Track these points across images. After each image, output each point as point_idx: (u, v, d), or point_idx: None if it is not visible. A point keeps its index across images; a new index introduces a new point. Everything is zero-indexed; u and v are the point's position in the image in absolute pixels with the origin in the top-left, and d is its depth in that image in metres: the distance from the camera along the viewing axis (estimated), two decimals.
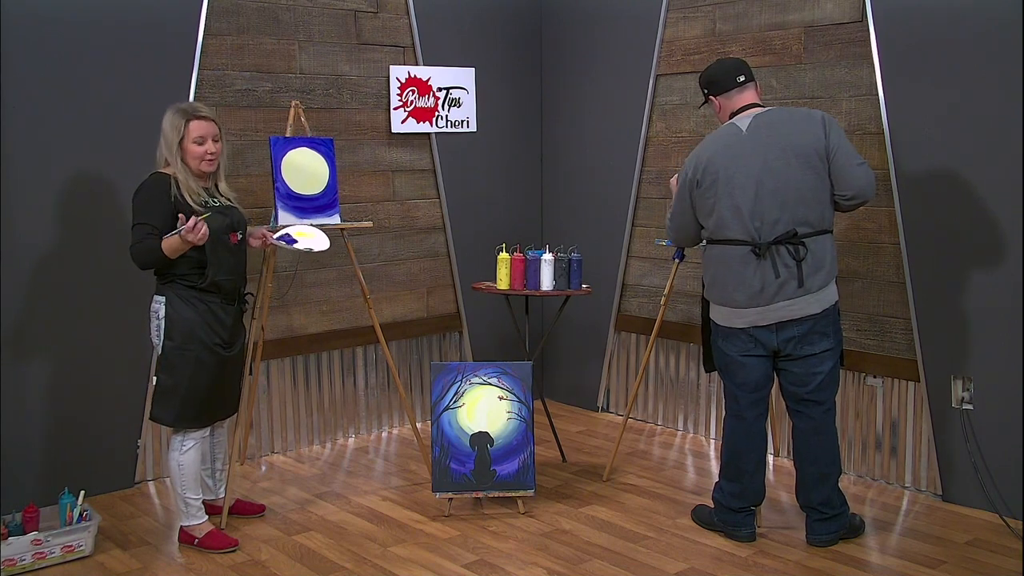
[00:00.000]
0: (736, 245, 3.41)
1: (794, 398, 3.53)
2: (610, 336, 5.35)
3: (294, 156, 4.12)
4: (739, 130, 3.44)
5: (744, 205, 3.37)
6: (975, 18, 3.74)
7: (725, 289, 3.47)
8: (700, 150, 3.52)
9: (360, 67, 4.84)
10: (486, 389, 3.99)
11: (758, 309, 3.41)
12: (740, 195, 3.38)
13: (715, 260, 3.50)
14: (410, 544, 3.67)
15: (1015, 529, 3.70)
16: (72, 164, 3.97)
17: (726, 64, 3.57)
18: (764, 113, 3.46)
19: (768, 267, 3.37)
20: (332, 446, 4.90)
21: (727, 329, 3.52)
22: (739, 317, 3.46)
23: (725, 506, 3.65)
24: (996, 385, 3.82)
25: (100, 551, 3.62)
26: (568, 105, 5.46)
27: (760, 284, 3.38)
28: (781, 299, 3.38)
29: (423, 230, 5.18)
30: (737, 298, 3.43)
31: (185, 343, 3.45)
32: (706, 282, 3.60)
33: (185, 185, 3.43)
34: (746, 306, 3.42)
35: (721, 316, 3.54)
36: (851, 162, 3.35)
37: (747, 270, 3.39)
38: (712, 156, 3.45)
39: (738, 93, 3.51)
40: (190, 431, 3.55)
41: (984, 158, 3.77)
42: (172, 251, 3.33)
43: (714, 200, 3.43)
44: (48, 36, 3.88)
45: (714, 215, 3.45)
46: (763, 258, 3.36)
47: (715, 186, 3.42)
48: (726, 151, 3.43)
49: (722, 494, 3.66)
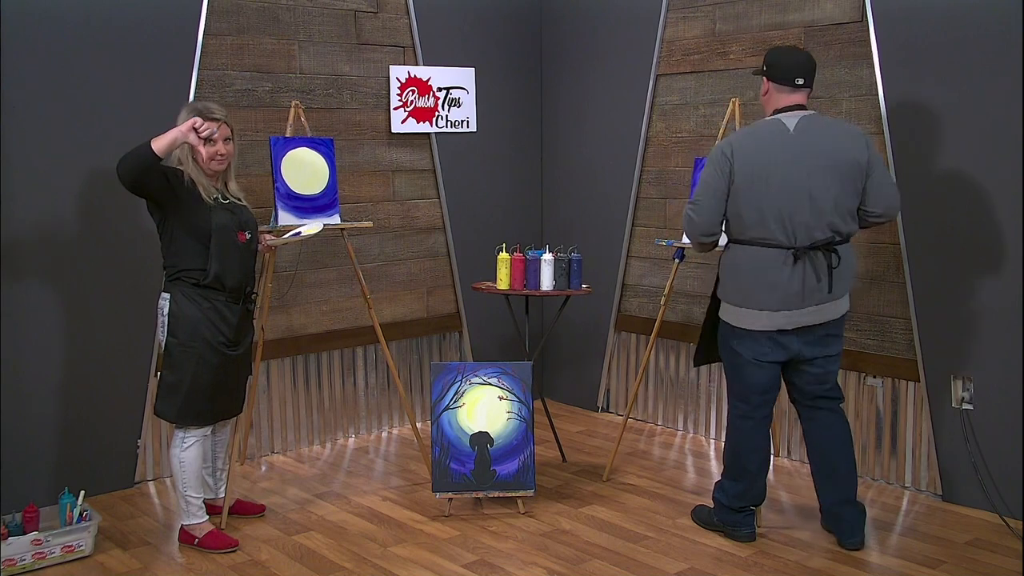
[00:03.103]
0: (770, 247, 3.35)
1: (811, 396, 3.54)
2: (610, 336, 5.35)
3: (294, 156, 4.12)
4: (786, 129, 3.37)
5: (784, 207, 3.32)
6: (975, 18, 3.74)
7: (751, 291, 3.40)
8: (741, 139, 3.43)
9: (360, 67, 4.84)
10: (486, 389, 3.99)
11: (787, 313, 3.37)
12: (781, 195, 3.32)
13: (742, 261, 3.43)
14: (410, 544, 3.67)
15: (1015, 529, 3.70)
16: (72, 164, 3.97)
17: (798, 58, 3.44)
18: (810, 117, 3.40)
19: (806, 271, 3.34)
20: (332, 446, 4.90)
21: (743, 331, 3.47)
22: (761, 320, 3.41)
23: (727, 506, 3.64)
24: (996, 385, 3.82)
25: (100, 551, 3.62)
26: (568, 105, 5.46)
27: (798, 287, 3.34)
28: (811, 304, 3.37)
29: (423, 230, 5.18)
30: (767, 300, 3.37)
31: (189, 340, 3.45)
32: (724, 282, 3.53)
33: (198, 183, 3.45)
34: (776, 309, 3.37)
35: (738, 318, 3.47)
36: (886, 181, 3.40)
37: (782, 273, 3.34)
38: (755, 148, 3.37)
39: (792, 91, 3.43)
40: (192, 428, 3.55)
41: (984, 158, 3.77)
42: (164, 146, 3.26)
43: (750, 194, 3.34)
44: (48, 36, 3.88)
45: (749, 210, 3.35)
46: (800, 262, 3.33)
47: (752, 179, 3.34)
48: (771, 147, 3.36)
49: (724, 494, 3.64)
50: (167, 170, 3.40)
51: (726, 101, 4.46)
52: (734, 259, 3.47)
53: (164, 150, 3.27)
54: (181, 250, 3.45)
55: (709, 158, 3.47)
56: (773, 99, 3.47)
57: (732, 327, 3.51)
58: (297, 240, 3.93)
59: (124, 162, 3.27)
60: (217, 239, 3.45)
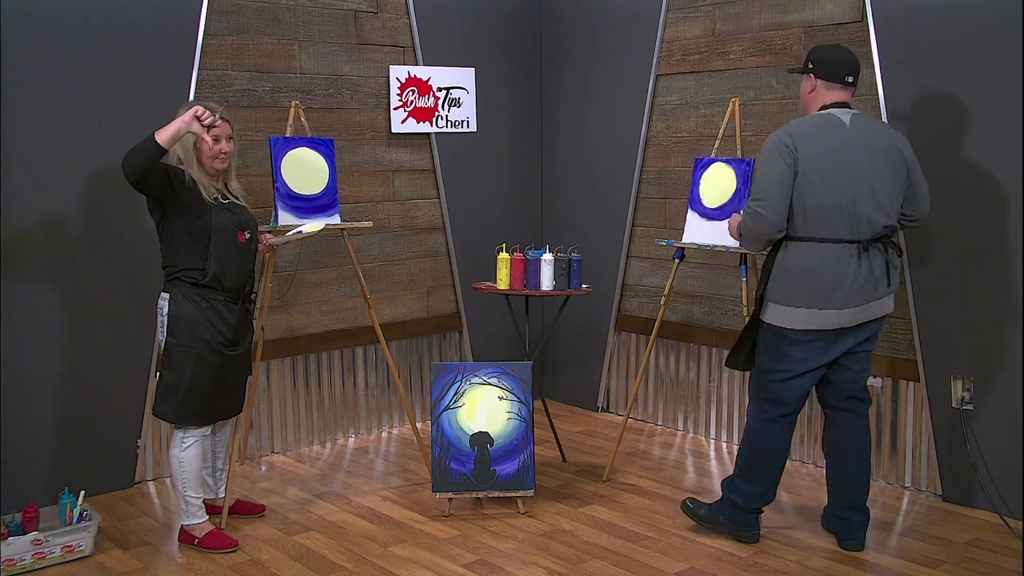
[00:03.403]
0: (834, 242, 3.27)
1: (844, 396, 3.50)
2: (610, 336, 5.35)
3: (294, 156, 4.12)
4: (842, 122, 3.31)
5: (848, 199, 3.25)
6: (975, 18, 3.74)
7: (814, 289, 3.29)
8: (799, 129, 3.31)
9: (360, 67, 4.84)
10: (486, 389, 3.99)
11: (851, 310, 3.30)
12: (845, 187, 3.25)
13: (804, 258, 3.31)
14: (410, 544, 3.67)
15: (1015, 529, 3.70)
16: (72, 164, 3.97)
17: (846, 56, 3.40)
18: (860, 114, 3.38)
19: (871, 265, 3.29)
20: (332, 446, 4.90)
21: (796, 334, 3.35)
22: (821, 319, 3.30)
23: (741, 507, 3.58)
24: (996, 385, 3.82)
25: (100, 551, 3.62)
26: (568, 105, 5.46)
27: (862, 282, 3.28)
28: (872, 299, 3.32)
29: (423, 230, 5.18)
30: (831, 298, 3.28)
31: (188, 340, 3.45)
32: (779, 283, 3.36)
33: (199, 183, 3.45)
34: (839, 307, 3.28)
35: (795, 320, 3.34)
36: (924, 185, 3.42)
37: (847, 269, 3.27)
38: (816, 139, 3.28)
39: (842, 89, 3.37)
40: (191, 428, 3.56)
41: (984, 158, 3.77)
42: (168, 137, 3.26)
43: (814, 186, 3.25)
44: (48, 36, 3.88)
45: (813, 203, 3.26)
46: (864, 256, 3.28)
47: (817, 170, 3.25)
48: (830, 139, 3.28)
49: (740, 495, 3.57)
50: (169, 168, 3.40)
51: (726, 101, 4.46)
52: (795, 257, 3.33)
53: (169, 141, 3.27)
54: (180, 250, 3.45)
55: (766, 152, 3.32)
56: (820, 96, 3.39)
57: (784, 330, 3.37)
58: (298, 239, 3.93)
59: (130, 156, 3.27)
60: (217, 239, 3.45)
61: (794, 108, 4.40)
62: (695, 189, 4.18)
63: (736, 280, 4.64)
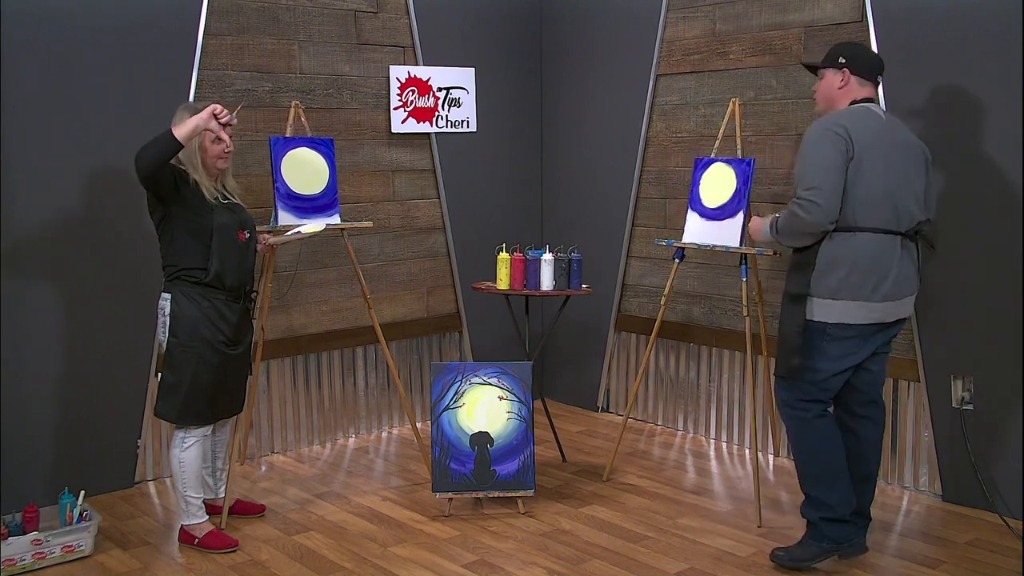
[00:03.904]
0: (883, 233, 3.19)
1: (865, 400, 3.41)
2: (610, 336, 5.35)
3: (294, 156, 4.12)
4: (879, 116, 3.28)
5: (894, 189, 3.20)
6: (975, 18, 3.74)
7: (861, 282, 3.18)
8: (845, 118, 3.22)
9: (360, 67, 4.84)
10: (486, 389, 3.99)
11: (891, 304, 3.24)
12: (889, 178, 3.20)
13: (853, 249, 3.18)
14: (410, 544, 3.67)
15: (1015, 529, 3.70)
16: (72, 164, 3.97)
17: (875, 54, 3.46)
18: (888, 114, 3.37)
19: (910, 259, 3.26)
20: (332, 446, 4.90)
21: (837, 329, 3.23)
22: (864, 313, 3.21)
23: (838, 519, 3.33)
24: (996, 385, 3.82)
25: (100, 551, 3.62)
26: (568, 105, 5.46)
27: (903, 275, 3.22)
28: (907, 294, 3.28)
29: (423, 230, 5.18)
30: (877, 291, 3.19)
31: (189, 340, 3.46)
32: (825, 275, 3.21)
33: (201, 184, 3.47)
34: (881, 300, 3.20)
35: (839, 313, 3.22)
36: (934, 188, 3.40)
37: (892, 260, 3.20)
38: (862, 128, 3.20)
39: (872, 86, 3.35)
40: (192, 428, 3.56)
41: (984, 158, 3.77)
42: (186, 133, 3.29)
43: (865, 175, 3.16)
44: (48, 36, 3.88)
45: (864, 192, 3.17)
46: (906, 249, 3.24)
47: (869, 159, 3.17)
48: (874, 129, 3.22)
49: (830, 509, 3.32)
50: (174, 168, 3.41)
51: (726, 101, 4.46)
52: (843, 248, 3.19)
53: (186, 137, 3.29)
54: (181, 249, 3.46)
55: (815, 139, 3.19)
56: (852, 91, 3.32)
57: (826, 324, 3.24)
58: (297, 239, 3.93)
59: (146, 151, 3.28)
60: (219, 238, 3.46)
61: (794, 108, 4.40)
62: (695, 189, 4.18)
63: (736, 280, 4.64)
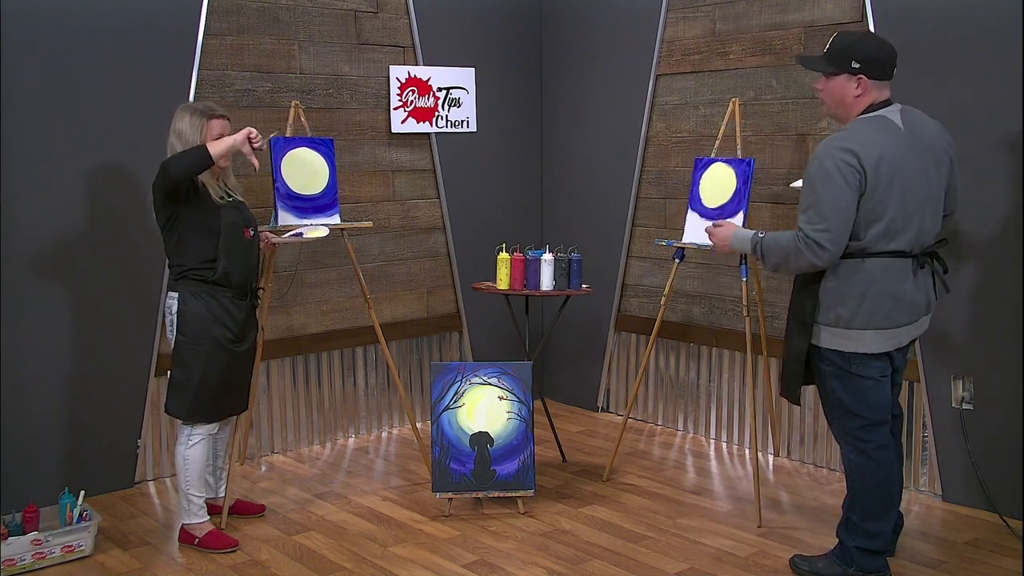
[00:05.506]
0: (899, 257, 3.01)
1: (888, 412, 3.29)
2: (610, 336, 5.35)
3: (294, 156, 4.12)
4: (896, 126, 3.02)
5: (911, 211, 2.99)
6: (975, 18, 3.74)
7: (877, 309, 3.02)
8: (859, 142, 2.96)
9: (360, 67, 4.84)
10: (486, 389, 3.99)
11: (909, 327, 3.09)
12: (907, 200, 2.98)
13: (866, 278, 3.01)
14: (410, 544, 3.67)
15: (1015, 529, 3.70)
16: (72, 164, 3.97)
17: (889, 48, 3.06)
18: (906, 110, 3.10)
19: (928, 280, 3.12)
20: (332, 446, 4.90)
21: (864, 356, 3.07)
22: (882, 340, 3.06)
23: (878, 551, 3.23)
24: (996, 385, 3.82)
25: (100, 551, 3.62)
26: (568, 105, 5.46)
27: (920, 298, 3.08)
28: (924, 314, 3.14)
29: (423, 230, 5.18)
30: (894, 317, 3.03)
31: (197, 339, 3.48)
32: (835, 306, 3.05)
33: (208, 184, 3.49)
34: (901, 324, 3.05)
35: (857, 343, 3.05)
36: (959, 176, 3.20)
37: (907, 285, 3.03)
38: (878, 151, 2.94)
39: (888, 84, 3.08)
40: (199, 425, 3.57)
41: (984, 158, 3.77)
42: (220, 151, 3.39)
43: (886, 205, 2.95)
44: (48, 36, 3.88)
45: (882, 222, 2.97)
46: (923, 270, 3.08)
47: (884, 186, 2.94)
48: (891, 148, 2.97)
49: (868, 540, 3.20)
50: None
51: (726, 101, 4.46)
52: (857, 276, 3.02)
53: (220, 156, 3.40)
54: (188, 248, 3.47)
55: (826, 171, 2.94)
56: (869, 97, 3.05)
57: (848, 355, 3.08)
58: (299, 242, 3.94)
59: (181, 159, 3.36)
60: (226, 236, 3.49)
61: (794, 108, 4.40)
62: (695, 189, 4.19)
63: (736, 280, 4.64)
